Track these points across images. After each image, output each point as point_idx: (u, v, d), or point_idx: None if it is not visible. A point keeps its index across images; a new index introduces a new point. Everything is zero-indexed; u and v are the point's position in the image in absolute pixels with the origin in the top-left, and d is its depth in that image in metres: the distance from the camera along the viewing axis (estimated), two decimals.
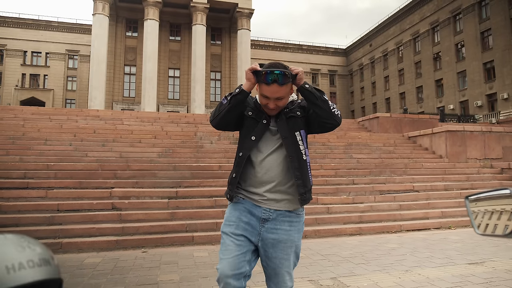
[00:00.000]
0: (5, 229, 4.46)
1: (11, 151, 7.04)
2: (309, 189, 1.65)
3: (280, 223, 1.62)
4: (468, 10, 32.20)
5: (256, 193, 1.63)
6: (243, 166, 1.62)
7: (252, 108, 1.68)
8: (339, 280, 2.97)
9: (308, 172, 1.66)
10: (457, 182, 7.63)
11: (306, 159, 1.66)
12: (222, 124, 1.67)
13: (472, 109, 30.98)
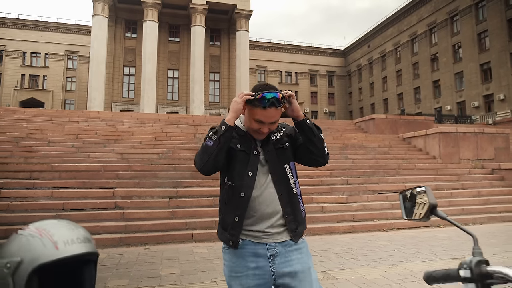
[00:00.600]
0: (13, 227, 4.68)
1: (15, 152, 7.24)
2: (301, 223, 1.57)
3: (290, 253, 1.51)
4: (465, 12, 32.39)
5: (257, 231, 1.50)
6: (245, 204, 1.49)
7: (238, 138, 1.56)
8: (329, 273, 3.20)
9: (299, 205, 1.58)
10: (449, 182, 7.87)
11: (297, 192, 1.58)
12: (214, 168, 1.50)
13: (469, 110, 31.18)
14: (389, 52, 42.53)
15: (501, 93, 28.58)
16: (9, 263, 0.77)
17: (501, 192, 7.84)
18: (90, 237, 0.88)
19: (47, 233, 0.80)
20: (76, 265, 0.88)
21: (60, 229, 0.83)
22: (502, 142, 10.58)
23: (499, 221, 6.55)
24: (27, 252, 0.78)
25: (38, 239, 0.80)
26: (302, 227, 1.56)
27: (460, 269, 0.78)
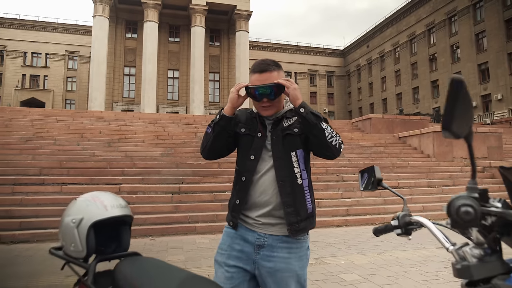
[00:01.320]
0: (26, 220, 4.98)
1: (24, 151, 7.54)
2: (304, 218, 1.44)
3: (277, 249, 1.43)
4: (463, 12, 32.60)
5: (249, 217, 1.46)
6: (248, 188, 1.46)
7: (244, 122, 1.55)
8: (321, 260, 3.50)
9: (304, 197, 1.46)
10: (440, 179, 8.18)
11: (303, 183, 1.46)
12: (213, 154, 1.55)
13: None
14: (388, 52, 42.75)
15: (499, 93, 28.83)
16: (74, 219, 1.08)
17: (490, 189, 8.07)
18: (127, 205, 1.20)
19: (99, 199, 1.12)
20: (118, 224, 1.19)
21: (107, 197, 1.15)
22: (494, 141, 10.87)
23: None
24: (86, 212, 1.09)
25: (93, 203, 1.11)
26: (306, 224, 1.45)
27: (392, 220, 1.08)
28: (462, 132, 0.75)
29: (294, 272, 1.42)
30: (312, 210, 1.49)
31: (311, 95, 47.86)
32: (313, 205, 1.51)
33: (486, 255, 0.77)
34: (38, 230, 4.82)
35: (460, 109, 0.74)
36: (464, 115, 0.75)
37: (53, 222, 4.91)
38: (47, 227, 4.87)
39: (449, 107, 0.74)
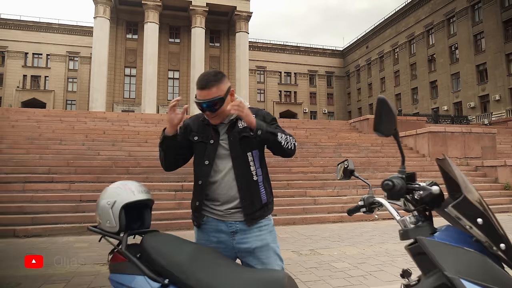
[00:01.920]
0: (37, 216, 5.25)
1: (31, 150, 7.81)
2: (259, 208, 1.63)
3: (250, 231, 1.61)
4: (462, 13, 32.78)
5: (219, 210, 1.62)
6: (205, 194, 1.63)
7: (197, 131, 1.69)
8: (315, 251, 3.77)
9: (259, 191, 1.63)
10: (434, 178, 8.42)
11: (258, 179, 1.64)
12: (170, 166, 1.71)
13: (466, 110, 31.55)
14: (387, 53, 42.93)
15: (497, 94, 29.00)
16: (109, 201, 1.35)
17: (482, 187, 8.42)
18: (149, 191, 1.49)
19: (127, 186, 1.41)
20: (141, 206, 1.47)
21: (134, 184, 1.44)
22: (488, 141, 11.14)
23: None
24: (118, 196, 1.37)
25: (123, 189, 1.40)
26: (261, 212, 1.63)
27: (359, 201, 1.35)
28: (388, 132, 1.07)
29: (269, 245, 1.63)
30: (266, 200, 1.66)
31: (310, 96, 48.03)
32: (268, 195, 1.68)
33: (419, 222, 1.06)
34: (50, 225, 5.09)
35: (385, 118, 1.05)
36: (389, 121, 1.06)
37: (63, 218, 5.18)
38: (58, 222, 5.15)
39: (377, 116, 1.08)
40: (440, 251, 0.98)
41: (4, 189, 5.92)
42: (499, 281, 0.91)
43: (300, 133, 11.50)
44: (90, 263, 3.40)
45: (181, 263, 1.20)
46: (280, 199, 6.56)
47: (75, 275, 3.05)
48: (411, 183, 1.13)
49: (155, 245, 1.29)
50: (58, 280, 2.95)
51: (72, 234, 4.95)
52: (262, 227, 1.64)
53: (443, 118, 26.80)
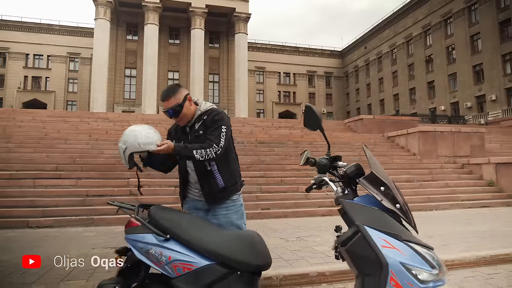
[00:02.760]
0: (48, 209, 5.67)
1: (38, 149, 8.24)
2: (219, 190, 2.04)
3: (218, 210, 2.04)
4: (459, 14, 33.04)
5: (195, 193, 2.10)
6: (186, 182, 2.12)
7: (173, 136, 2.19)
8: (301, 238, 4.18)
9: (214, 178, 2.03)
10: (420, 175, 8.86)
11: (211, 169, 2.03)
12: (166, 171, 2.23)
13: (463, 110, 31.81)
14: (385, 53, 43.22)
15: (493, 94, 29.25)
16: (122, 146, 1.79)
17: (467, 184, 8.84)
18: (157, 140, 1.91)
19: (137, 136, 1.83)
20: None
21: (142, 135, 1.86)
22: (477, 140, 11.54)
23: (460, 208, 7.52)
24: (127, 143, 1.80)
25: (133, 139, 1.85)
26: (224, 194, 2.05)
27: (311, 180, 1.76)
28: (314, 128, 1.52)
29: (233, 222, 2.06)
30: (224, 184, 2.07)
31: (309, 96, 48.30)
32: (226, 180, 2.08)
33: (345, 191, 1.48)
34: (59, 217, 5.51)
35: (310, 118, 1.50)
36: (314, 120, 1.50)
37: (72, 211, 5.61)
38: (67, 215, 5.57)
39: (305, 117, 1.54)
40: (354, 209, 1.41)
41: (16, 185, 6.39)
42: (390, 227, 1.35)
43: (295, 133, 11.93)
44: (99, 248, 3.81)
45: (178, 224, 1.63)
46: (274, 194, 6.99)
47: (87, 256, 3.46)
48: (336, 162, 1.56)
49: (159, 213, 1.71)
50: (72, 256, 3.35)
51: (80, 226, 5.37)
52: (229, 207, 2.08)
53: (440, 118, 27.14)
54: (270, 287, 2.72)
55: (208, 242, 1.56)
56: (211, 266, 1.51)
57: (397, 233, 1.36)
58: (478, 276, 3.13)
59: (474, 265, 3.36)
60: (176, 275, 1.51)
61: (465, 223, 5.69)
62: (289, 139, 10.77)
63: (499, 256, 3.48)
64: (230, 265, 1.53)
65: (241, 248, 1.58)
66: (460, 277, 3.09)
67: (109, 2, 30.95)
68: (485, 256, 3.43)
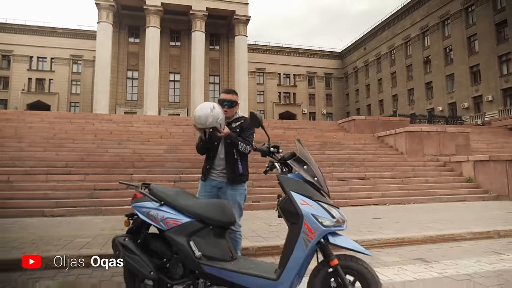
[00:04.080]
0: (60, 200, 6.34)
1: (48, 148, 8.92)
2: (238, 175, 2.82)
3: (227, 189, 2.82)
4: (456, 16, 33.40)
5: (214, 173, 2.85)
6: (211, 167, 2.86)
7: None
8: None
9: (237, 164, 2.83)
10: (403, 172, 9.48)
11: (237, 158, 2.83)
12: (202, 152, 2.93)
13: (460, 111, 32.17)
14: (384, 54, 43.61)
15: (489, 95, 29.60)
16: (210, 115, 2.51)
17: (446, 180, 9.44)
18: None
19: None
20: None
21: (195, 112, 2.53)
22: (462, 140, 12.12)
23: (437, 202, 8.12)
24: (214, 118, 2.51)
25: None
26: (239, 178, 2.85)
27: (267, 164, 2.39)
28: (257, 126, 2.20)
29: (236, 201, 2.85)
30: (242, 171, 2.88)
31: (309, 97, 48.72)
32: (243, 169, 2.90)
33: (284, 170, 2.12)
34: (71, 208, 6.18)
35: (255, 120, 2.16)
36: (256, 122, 2.17)
37: (81, 202, 6.29)
38: (77, 206, 6.26)
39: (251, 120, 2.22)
40: (286, 181, 2.05)
41: (30, 180, 7.09)
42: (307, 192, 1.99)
43: (289, 133, 12.57)
44: (107, 230, 4.46)
45: (170, 195, 2.28)
46: (264, 189, 7.63)
47: (98, 235, 4.12)
48: (276, 149, 2.20)
49: (156, 188, 2.35)
50: (86, 237, 4.05)
51: (89, 215, 6.04)
52: (237, 189, 2.87)
53: (437, 119, 27.61)
54: (247, 255, 3.35)
55: (190, 206, 2.23)
56: (192, 222, 2.18)
57: (311, 195, 2.00)
58: (421, 249, 3.79)
59: (422, 243, 4.01)
60: (168, 228, 2.17)
61: (431, 212, 6.31)
62: (282, 138, 11.39)
63: (444, 236, 4.12)
64: (205, 221, 2.19)
65: (213, 210, 2.24)
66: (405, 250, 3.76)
67: (111, 5, 31.60)
68: (431, 236, 4.08)
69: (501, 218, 5.41)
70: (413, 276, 2.85)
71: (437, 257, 3.44)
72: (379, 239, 3.91)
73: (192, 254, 2.10)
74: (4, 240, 3.91)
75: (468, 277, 2.78)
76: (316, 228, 1.92)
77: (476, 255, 3.52)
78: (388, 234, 4.14)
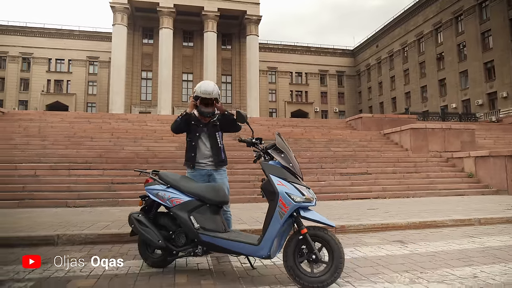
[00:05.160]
0: (82, 193, 6.97)
1: (69, 146, 9.61)
2: (221, 161, 3.34)
3: (215, 175, 3.30)
4: (469, 12, 33.09)
5: (202, 163, 3.29)
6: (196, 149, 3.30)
7: (194, 119, 3.32)
8: None
9: (221, 152, 3.35)
10: (405, 167, 9.78)
11: (221, 146, 3.35)
12: (178, 131, 3.34)
13: (474, 108, 31.88)
14: (396, 51, 43.41)
15: (504, 91, 29.29)
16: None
17: (447, 175, 9.69)
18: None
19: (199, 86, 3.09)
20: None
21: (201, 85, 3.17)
22: (467, 136, 12.29)
23: (436, 196, 8.40)
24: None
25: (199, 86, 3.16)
26: (222, 163, 3.37)
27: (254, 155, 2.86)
28: (243, 122, 2.70)
29: (224, 182, 3.33)
30: (224, 158, 3.42)
31: (321, 95, 48.78)
32: (225, 155, 3.44)
33: (266, 158, 2.59)
34: (91, 199, 6.80)
35: (240, 117, 2.64)
36: (241, 118, 2.67)
37: (100, 194, 6.91)
38: (97, 198, 6.89)
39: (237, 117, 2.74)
40: (266, 166, 2.51)
41: (55, 174, 7.79)
42: (283, 175, 2.45)
43: (296, 131, 12.98)
44: (123, 217, 5.00)
45: (175, 179, 2.78)
46: None
47: (116, 220, 4.68)
48: (259, 141, 2.67)
49: (164, 174, 2.86)
50: (106, 221, 4.62)
51: (108, 206, 6.64)
52: (222, 173, 3.40)
53: (450, 116, 27.44)
54: None
55: (191, 188, 2.74)
56: (192, 200, 2.68)
57: (286, 178, 2.47)
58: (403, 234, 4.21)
59: (405, 228, 4.41)
60: (172, 206, 2.68)
61: (426, 205, 6.64)
62: (290, 136, 11.82)
63: (426, 222, 4.51)
64: (202, 200, 2.69)
65: (209, 192, 2.75)
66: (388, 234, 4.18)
67: (126, 8, 32.48)
68: (415, 222, 4.48)
69: (490, 210, 5.73)
70: (385, 253, 3.27)
71: (416, 240, 3.84)
72: (365, 224, 4.33)
73: (192, 226, 2.61)
74: (36, 223, 4.52)
75: (434, 254, 3.18)
76: (289, 203, 2.39)
77: (452, 238, 3.90)
78: (375, 220, 4.55)
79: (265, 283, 2.48)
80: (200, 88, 3.28)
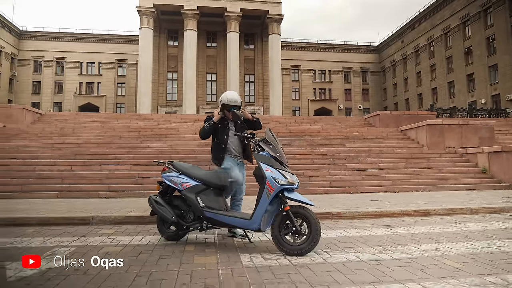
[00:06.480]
0: (112, 185, 7.77)
1: (100, 144, 10.53)
2: (247, 154, 3.82)
3: (242, 168, 3.87)
4: (499, 4, 32.03)
5: (235, 155, 3.79)
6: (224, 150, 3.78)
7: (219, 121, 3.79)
8: None
9: (249, 148, 3.75)
10: (417, 163, 9.97)
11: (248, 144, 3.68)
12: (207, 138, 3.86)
13: (504, 103, 30.90)
14: (422, 47, 42.49)
15: None
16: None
17: (460, 170, 9.79)
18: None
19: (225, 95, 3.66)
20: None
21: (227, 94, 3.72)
22: (486, 132, 12.24)
23: (446, 190, 8.56)
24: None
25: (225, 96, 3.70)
26: (247, 158, 3.88)
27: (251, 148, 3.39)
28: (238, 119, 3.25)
29: (243, 173, 3.89)
30: (250, 153, 3.82)
31: (345, 92, 48.38)
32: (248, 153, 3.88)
33: (259, 149, 3.14)
34: (120, 191, 7.60)
35: (235, 117, 3.19)
36: (236, 117, 3.24)
37: (128, 187, 7.70)
38: (126, 190, 7.69)
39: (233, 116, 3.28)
40: (257, 156, 3.06)
41: (88, 169, 8.68)
42: (271, 163, 2.98)
43: (313, 128, 13.36)
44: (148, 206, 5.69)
45: (186, 168, 3.38)
46: None
47: (141, 207, 5.37)
48: (251, 136, 3.20)
49: (177, 163, 3.46)
50: (133, 208, 5.33)
51: (135, 197, 7.40)
52: (241, 168, 3.87)
53: (479, 112, 26.77)
54: None
55: (198, 174, 3.35)
56: (198, 184, 3.27)
57: (273, 165, 2.99)
58: (394, 220, 4.60)
59: (398, 216, 4.80)
60: (183, 189, 3.28)
61: (432, 198, 6.90)
62: (306, 133, 12.24)
63: (419, 211, 4.88)
64: (207, 184, 3.28)
65: (213, 177, 3.34)
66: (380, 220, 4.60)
67: (151, 11, 33.76)
68: (407, 210, 4.86)
69: (490, 201, 5.96)
70: (369, 234, 3.72)
71: (403, 225, 4.24)
72: (360, 211, 4.76)
73: (198, 205, 3.20)
74: (74, 208, 5.29)
75: (412, 235, 3.60)
76: (274, 185, 2.92)
77: (438, 224, 4.27)
78: (371, 209, 4.97)
79: (256, 251, 3.03)
80: (227, 97, 3.76)
